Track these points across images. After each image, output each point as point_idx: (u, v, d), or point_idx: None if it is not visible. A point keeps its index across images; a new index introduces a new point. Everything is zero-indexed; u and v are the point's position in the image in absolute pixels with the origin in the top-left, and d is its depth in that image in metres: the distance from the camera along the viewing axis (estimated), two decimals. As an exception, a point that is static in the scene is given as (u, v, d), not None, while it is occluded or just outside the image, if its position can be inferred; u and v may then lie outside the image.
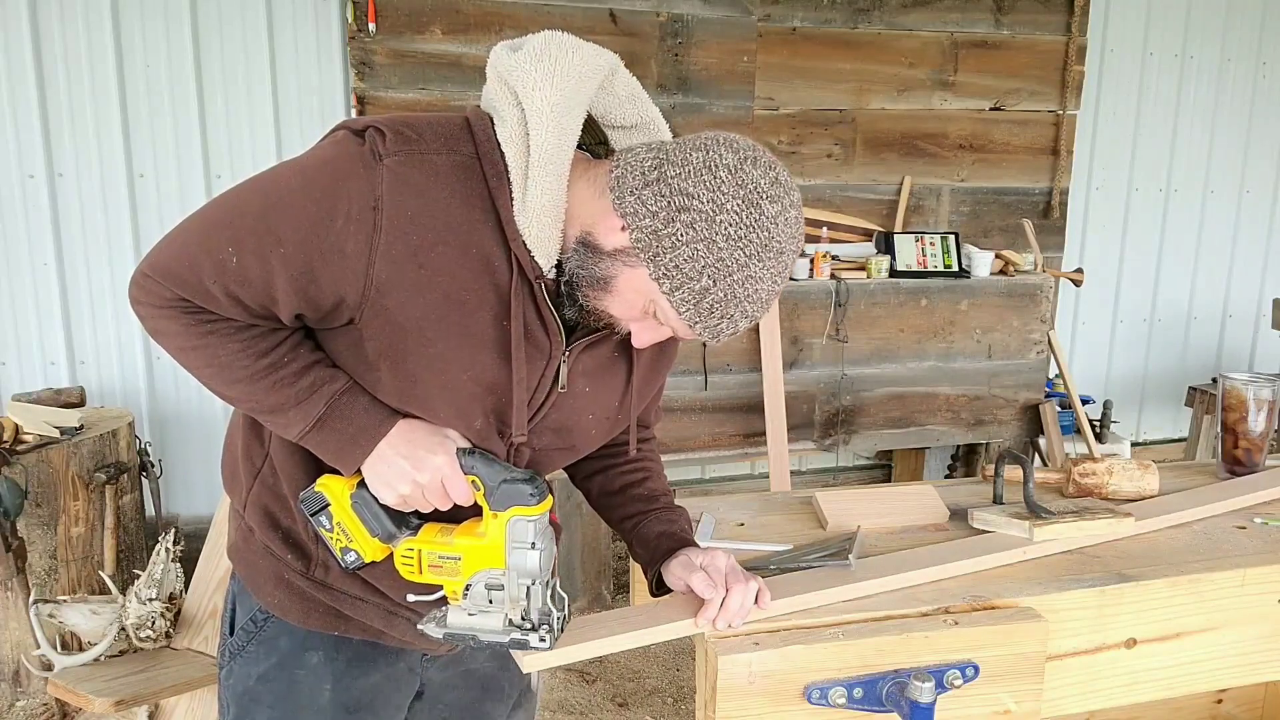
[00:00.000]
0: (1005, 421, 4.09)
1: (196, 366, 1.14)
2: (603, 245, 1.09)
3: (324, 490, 1.18)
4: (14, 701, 3.02)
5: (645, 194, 1.06)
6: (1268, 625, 1.50)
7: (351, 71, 3.51)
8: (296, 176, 1.09)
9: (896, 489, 1.81)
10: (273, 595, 1.28)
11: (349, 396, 1.14)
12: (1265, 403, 1.86)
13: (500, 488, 1.13)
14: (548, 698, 3.10)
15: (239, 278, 1.07)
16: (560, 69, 1.08)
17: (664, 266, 1.06)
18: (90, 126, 3.52)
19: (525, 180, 1.08)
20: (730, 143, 1.07)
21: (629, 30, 3.76)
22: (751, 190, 1.04)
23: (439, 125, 1.12)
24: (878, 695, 1.26)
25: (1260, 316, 5.16)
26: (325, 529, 1.19)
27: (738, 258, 1.05)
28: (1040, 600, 1.37)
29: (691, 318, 1.09)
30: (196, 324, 1.11)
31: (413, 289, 1.08)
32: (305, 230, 1.06)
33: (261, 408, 1.15)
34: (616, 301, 1.11)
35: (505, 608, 1.16)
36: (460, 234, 1.08)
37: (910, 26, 4.11)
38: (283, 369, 1.13)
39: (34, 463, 2.93)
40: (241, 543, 1.31)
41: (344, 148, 1.09)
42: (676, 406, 3.65)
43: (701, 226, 1.03)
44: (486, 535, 1.14)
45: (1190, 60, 4.78)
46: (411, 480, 1.14)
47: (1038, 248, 4.13)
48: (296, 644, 1.30)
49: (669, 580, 1.31)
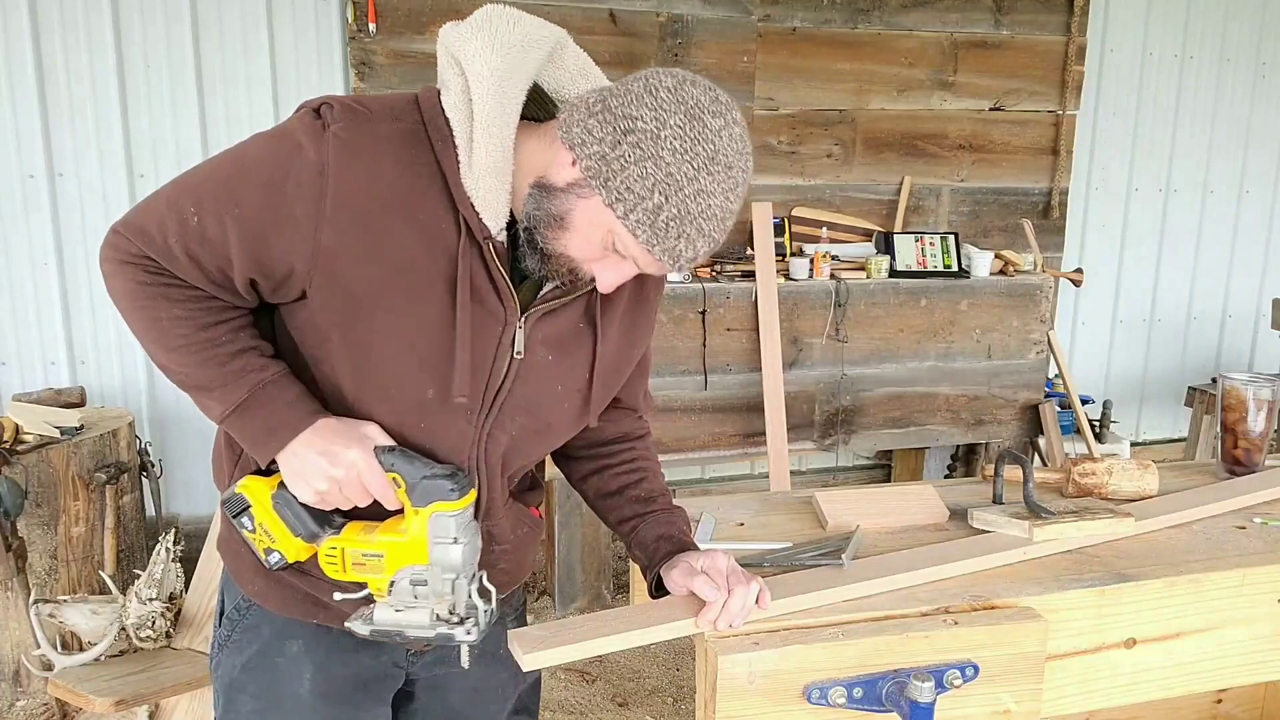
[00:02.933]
0: (1005, 421, 4.09)
1: (142, 326, 1.16)
2: (555, 183, 1.11)
3: (245, 491, 1.18)
4: (14, 701, 3.02)
5: (590, 123, 1.08)
6: (1268, 625, 1.50)
7: (351, 71, 3.51)
8: (259, 146, 1.14)
9: (896, 489, 1.81)
10: (253, 583, 1.29)
11: (274, 388, 1.16)
12: (1265, 403, 1.86)
13: (421, 483, 1.13)
14: (548, 698, 3.10)
15: (199, 236, 1.11)
16: (501, 38, 1.12)
17: (615, 190, 1.06)
18: (90, 126, 3.52)
19: (470, 144, 1.11)
20: (669, 71, 1.11)
21: (629, 30, 3.76)
22: (693, 105, 1.07)
23: (387, 100, 1.17)
24: (877, 695, 1.26)
25: (1260, 316, 5.16)
26: (248, 530, 1.18)
27: (686, 171, 1.06)
28: (1040, 600, 1.37)
29: (649, 239, 1.08)
30: (152, 283, 1.14)
31: (361, 256, 1.11)
32: (260, 194, 1.10)
33: (190, 382, 1.17)
34: (575, 239, 1.11)
35: (430, 602, 1.16)
36: (408, 200, 1.11)
37: (910, 26, 4.12)
38: (217, 347, 1.15)
39: (34, 463, 2.93)
40: (227, 532, 1.31)
41: (300, 120, 1.13)
42: (676, 406, 3.66)
43: (648, 145, 1.05)
44: (408, 532, 1.14)
45: (1190, 60, 4.79)
46: (327, 476, 1.14)
47: (1037, 248, 4.13)
48: (276, 632, 1.31)
49: (671, 588, 1.31)
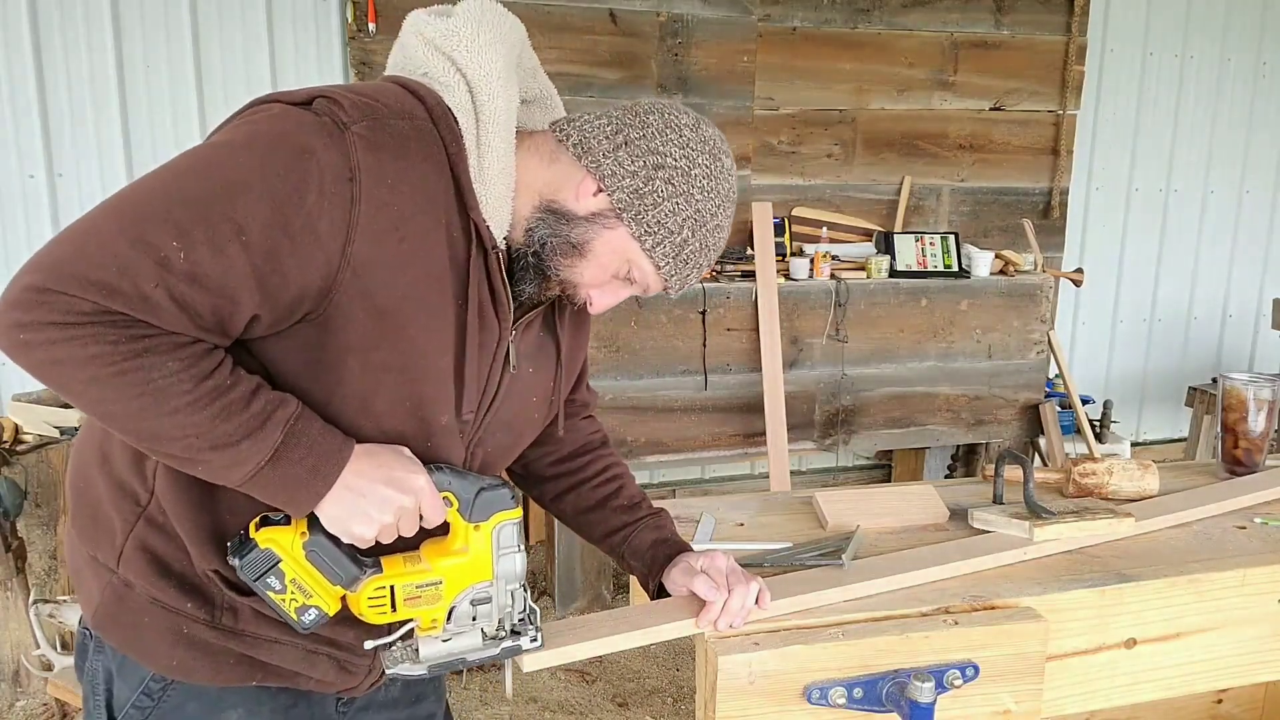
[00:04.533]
0: (1005, 421, 4.09)
1: (124, 397, 0.92)
2: (575, 210, 1.10)
3: (272, 546, 1.01)
4: (14, 701, 3.02)
5: (620, 155, 1.08)
6: (1268, 625, 1.50)
7: (351, 72, 3.52)
8: (246, 154, 0.95)
9: (896, 489, 1.81)
10: (170, 656, 1.09)
11: (304, 422, 0.99)
12: (1265, 403, 1.86)
13: (480, 497, 1.07)
14: (548, 698, 3.10)
15: (189, 276, 0.91)
16: (500, 35, 1.09)
17: (646, 224, 1.09)
18: (90, 126, 3.52)
19: (479, 149, 1.05)
20: (673, 105, 1.14)
21: (629, 30, 3.75)
22: (713, 146, 1.13)
23: (386, 92, 1.04)
24: (878, 695, 1.26)
25: (1260, 316, 5.16)
26: (275, 591, 1.02)
27: (709, 208, 1.12)
28: (1040, 600, 1.37)
29: (669, 270, 1.13)
30: (127, 341, 0.90)
31: (394, 266, 0.99)
32: (269, 212, 0.93)
33: (202, 444, 0.95)
34: (591, 267, 1.12)
35: (482, 622, 1.11)
36: (435, 203, 1.02)
37: (910, 26, 4.11)
38: (229, 393, 0.95)
39: (34, 463, 2.92)
40: (114, 603, 1.10)
41: (296, 119, 0.97)
42: (676, 406, 3.65)
43: (679, 181, 1.09)
44: (470, 550, 1.07)
45: (1190, 60, 4.78)
46: (396, 507, 1.02)
47: (1038, 248, 4.13)
48: (209, 706, 1.13)
49: (671, 588, 1.31)
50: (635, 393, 3.58)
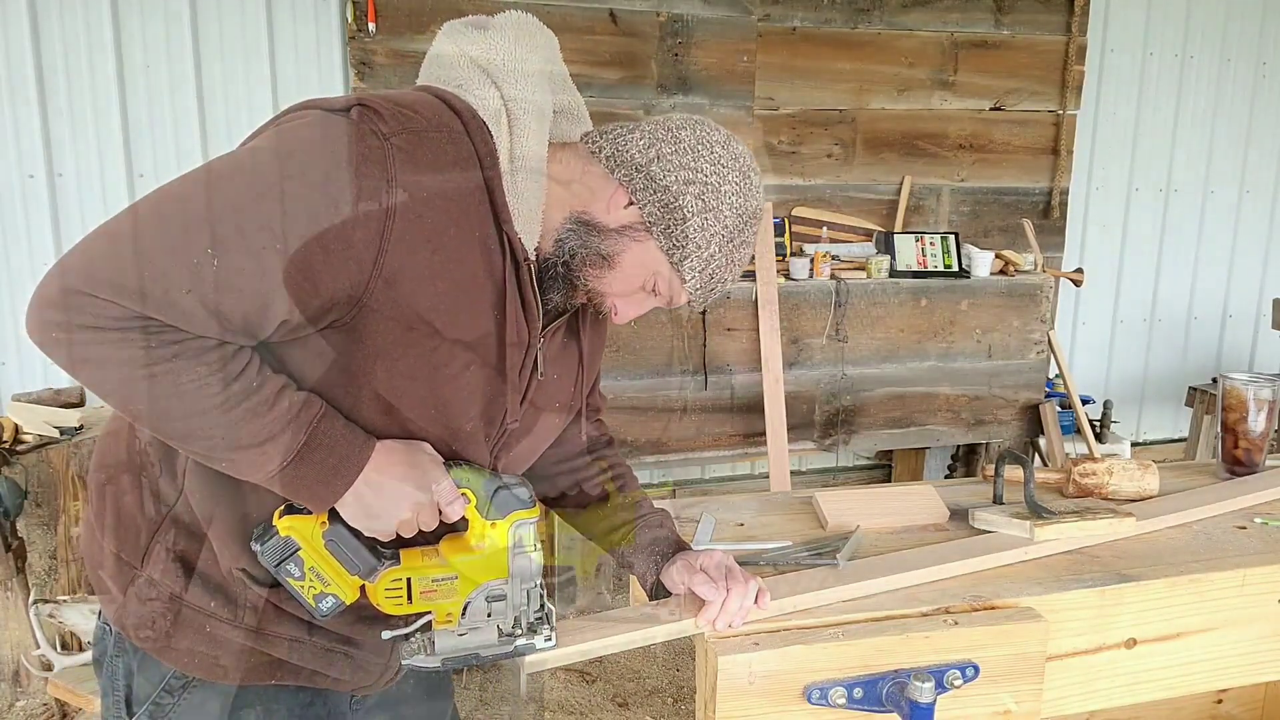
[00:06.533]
0: (1005, 421, 4.09)
1: (155, 399, 0.94)
2: (605, 223, 1.10)
3: (292, 534, 1.05)
4: (14, 701, 3.02)
5: (653, 170, 1.09)
6: (1268, 625, 1.50)
7: (351, 71, 3.51)
8: (282, 162, 0.96)
9: (896, 489, 1.81)
10: (191, 655, 1.11)
11: (327, 422, 1.02)
12: (1265, 403, 1.86)
13: (498, 495, 1.09)
14: (548, 698, 3.10)
15: (222, 284, 0.92)
16: (535, 47, 1.10)
17: (675, 238, 1.10)
18: (90, 126, 3.52)
19: (511, 160, 1.06)
20: (704, 122, 1.14)
21: (629, 30, 3.75)
22: (743, 163, 1.13)
23: (423, 104, 1.04)
24: (878, 695, 1.26)
25: (1260, 316, 5.16)
26: (294, 578, 1.06)
27: (736, 224, 1.12)
28: (1040, 600, 1.37)
29: (695, 284, 1.13)
30: (158, 346, 0.92)
31: (425, 276, 1.00)
32: (306, 221, 0.93)
33: (228, 444, 0.98)
34: (619, 278, 1.12)
35: (498, 619, 1.12)
36: (469, 215, 1.03)
37: (910, 26, 4.12)
38: (256, 395, 0.97)
39: (34, 463, 2.92)
40: (136, 601, 1.11)
41: (335, 128, 0.97)
42: (676, 406, 3.65)
43: (710, 198, 1.10)
44: (486, 546, 1.09)
45: (1190, 60, 4.78)
46: (414, 502, 1.05)
47: (1038, 248, 4.13)
48: (227, 705, 1.14)
49: (670, 585, 1.31)
50: (635, 393, 3.58)
